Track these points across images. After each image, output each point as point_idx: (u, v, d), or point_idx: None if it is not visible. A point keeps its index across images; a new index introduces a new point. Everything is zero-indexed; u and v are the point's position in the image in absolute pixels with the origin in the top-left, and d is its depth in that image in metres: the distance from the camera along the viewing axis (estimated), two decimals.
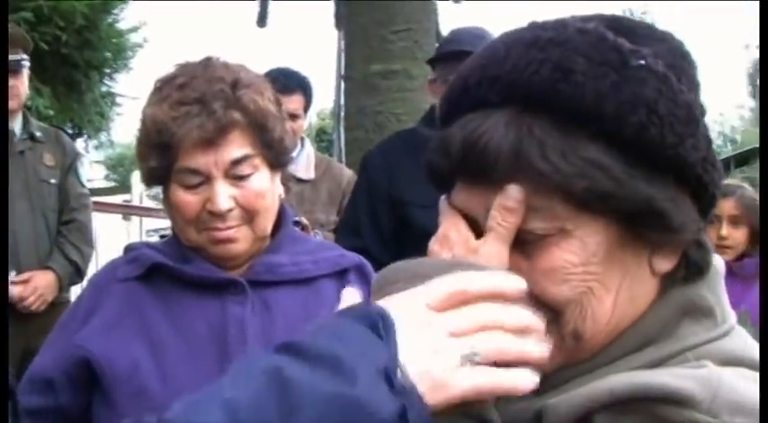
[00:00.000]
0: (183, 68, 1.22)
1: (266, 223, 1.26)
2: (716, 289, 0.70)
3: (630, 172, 0.62)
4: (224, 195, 1.18)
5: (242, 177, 1.20)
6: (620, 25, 0.67)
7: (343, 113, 4.32)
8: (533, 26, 0.66)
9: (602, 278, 0.64)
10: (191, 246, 1.25)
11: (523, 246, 0.64)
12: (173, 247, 1.29)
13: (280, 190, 1.29)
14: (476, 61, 0.68)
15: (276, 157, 1.26)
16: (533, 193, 0.62)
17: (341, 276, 1.32)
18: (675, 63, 0.66)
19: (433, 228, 2.45)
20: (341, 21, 4.71)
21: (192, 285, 1.24)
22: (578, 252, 0.63)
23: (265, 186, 1.24)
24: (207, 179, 1.19)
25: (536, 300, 0.63)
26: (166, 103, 1.17)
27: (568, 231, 0.63)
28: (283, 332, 1.23)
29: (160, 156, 1.18)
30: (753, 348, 0.69)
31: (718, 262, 0.72)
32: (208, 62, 1.22)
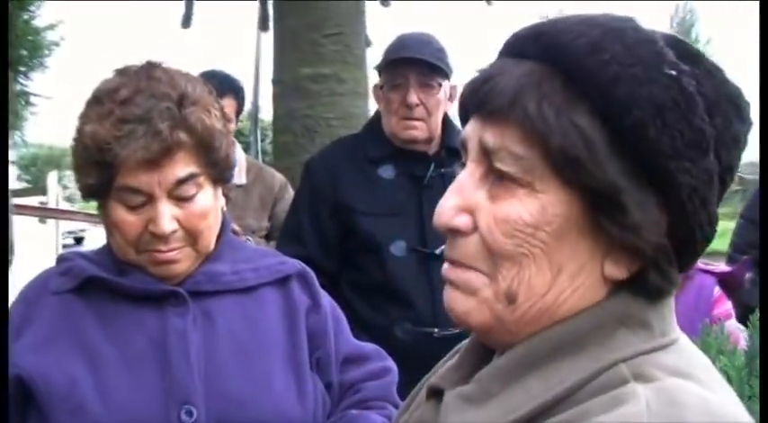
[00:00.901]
0: (125, 78, 1.16)
1: (210, 241, 1.23)
2: (659, 308, 0.70)
3: (611, 157, 0.64)
4: (167, 217, 1.14)
5: (186, 198, 1.16)
6: (682, 47, 0.69)
7: (271, 117, 4.27)
8: (606, 14, 0.70)
9: (548, 251, 0.66)
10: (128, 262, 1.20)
11: (494, 187, 0.68)
12: (108, 257, 1.23)
13: (222, 202, 1.26)
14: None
15: (221, 173, 1.22)
16: (520, 140, 0.66)
17: (282, 284, 1.30)
18: (716, 99, 0.67)
19: (377, 235, 2.45)
20: (265, 23, 4.64)
21: (130, 297, 1.19)
22: (534, 214, 0.66)
23: (209, 205, 1.20)
24: (149, 199, 1.14)
25: (482, 246, 0.67)
26: (108, 121, 1.11)
27: (534, 191, 0.66)
28: (226, 344, 1.20)
29: (100, 173, 1.13)
30: (700, 365, 0.69)
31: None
32: (151, 71, 1.16)
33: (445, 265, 0.73)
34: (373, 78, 4.51)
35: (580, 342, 0.67)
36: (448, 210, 0.69)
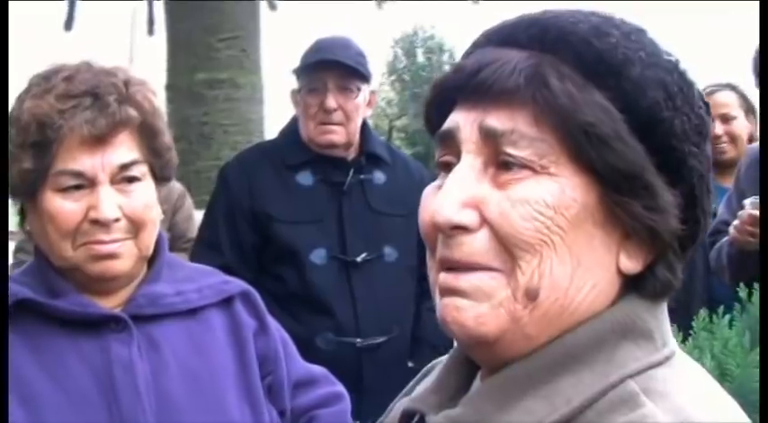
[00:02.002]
0: (63, 65, 1.07)
1: (150, 240, 1.13)
2: (658, 314, 0.67)
3: (633, 138, 0.62)
4: (110, 202, 1.05)
5: (130, 184, 1.08)
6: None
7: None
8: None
9: (567, 240, 0.62)
10: (64, 267, 1.08)
11: (498, 175, 0.63)
12: (37, 277, 1.11)
13: (159, 210, 1.16)
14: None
15: (162, 167, 1.14)
16: (534, 121, 0.62)
17: (227, 305, 1.21)
18: (699, 95, 0.67)
19: (296, 243, 2.38)
20: (153, 26, 4.46)
21: (67, 323, 1.07)
22: (555, 194, 0.61)
23: (152, 198, 1.11)
24: (91, 184, 1.05)
25: (496, 240, 0.62)
26: (51, 95, 1.01)
27: (550, 174, 0.62)
28: (176, 373, 1.11)
29: (37, 156, 1.02)
30: (701, 377, 0.67)
31: None
32: (88, 63, 1.08)
33: (442, 275, 0.65)
34: (270, 83, 4.45)
35: (582, 357, 0.63)
36: (450, 205, 0.63)
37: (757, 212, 1.62)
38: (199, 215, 2.54)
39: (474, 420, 0.64)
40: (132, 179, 1.09)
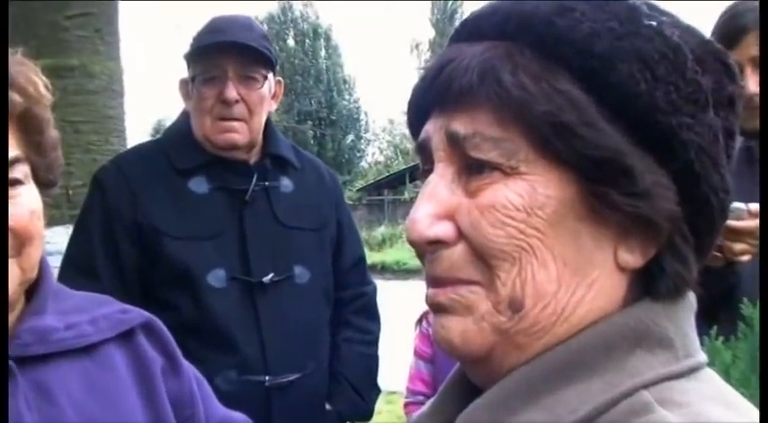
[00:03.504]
0: None
1: (36, 259, 1.05)
2: (679, 321, 0.69)
3: (603, 119, 0.64)
4: None
5: (12, 188, 1.00)
6: (653, 5, 0.70)
7: None
8: None
9: (547, 241, 0.65)
10: None
11: (470, 182, 0.67)
12: None
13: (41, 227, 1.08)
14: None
15: (47, 168, 1.07)
16: (494, 120, 0.65)
17: (127, 339, 1.15)
18: (703, 56, 0.68)
19: (190, 263, 2.30)
20: None
21: None
22: (524, 195, 0.65)
23: (38, 205, 1.04)
24: None
25: (470, 250, 0.66)
26: None
27: (520, 173, 0.65)
28: None
29: None
30: (729, 392, 0.68)
31: (692, 298, 0.72)
32: None
33: (429, 290, 0.70)
34: (131, 72, 4.27)
35: (589, 365, 0.65)
36: (423, 219, 0.67)
37: (737, 223, 1.66)
38: (47, 233, 2.40)
39: None
40: (15, 182, 1.01)
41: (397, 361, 3.95)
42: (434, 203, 0.67)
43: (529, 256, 0.65)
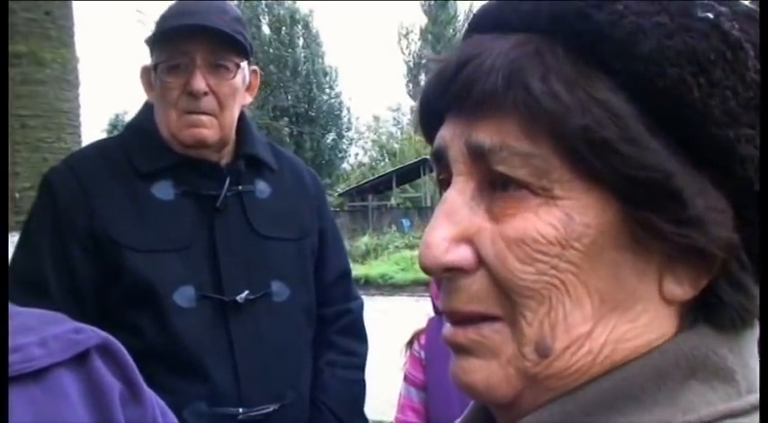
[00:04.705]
0: None
1: None
2: (741, 350, 0.67)
3: (649, 134, 0.62)
4: None
5: None
6: None
7: None
8: None
9: (583, 276, 0.64)
10: None
11: (494, 202, 0.65)
12: None
13: None
14: None
15: None
16: (522, 133, 0.63)
17: (80, 362, 1.13)
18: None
19: (154, 279, 2.29)
20: None
21: None
22: (559, 227, 0.63)
23: None
24: None
25: (492, 282, 0.65)
26: None
27: (553, 198, 0.63)
28: None
29: None
30: None
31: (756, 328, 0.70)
32: None
33: (447, 327, 0.69)
34: (87, 61, 4.25)
35: (637, 396, 0.64)
36: (439, 243, 0.65)
37: None
38: None
39: None
40: None
41: (382, 386, 3.94)
42: (452, 224, 0.66)
43: (560, 294, 0.64)
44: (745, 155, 0.63)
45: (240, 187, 2.11)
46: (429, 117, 0.72)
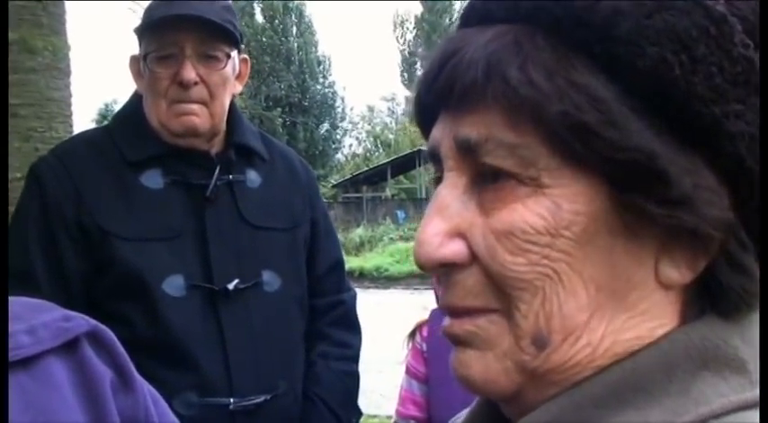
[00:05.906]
0: None
1: None
2: (753, 340, 0.67)
3: (631, 115, 0.62)
4: None
5: None
6: None
7: None
8: None
9: (576, 264, 0.64)
10: None
11: (484, 195, 0.66)
12: None
13: None
14: None
15: None
16: (507, 124, 0.64)
17: (70, 350, 1.13)
18: (756, 22, 0.64)
19: (143, 269, 2.31)
20: None
21: None
22: (547, 216, 0.63)
23: None
24: None
25: (485, 275, 0.65)
26: None
27: (541, 186, 0.63)
28: None
29: None
30: None
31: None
32: None
33: (446, 320, 0.69)
34: (78, 49, 4.25)
35: (646, 388, 0.63)
36: (432, 238, 0.66)
37: None
38: None
39: None
40: None
41: (377, 380, 3.95)
42: (444, 220, 0.67)
43: (554, 284, 0.64)
44: (734, 131, 0.62)
45: (231, 176, 2.12)
46: (423, 116, 0.73)
